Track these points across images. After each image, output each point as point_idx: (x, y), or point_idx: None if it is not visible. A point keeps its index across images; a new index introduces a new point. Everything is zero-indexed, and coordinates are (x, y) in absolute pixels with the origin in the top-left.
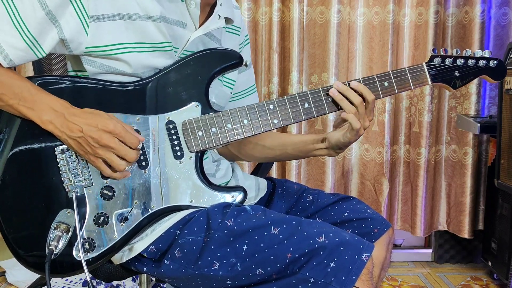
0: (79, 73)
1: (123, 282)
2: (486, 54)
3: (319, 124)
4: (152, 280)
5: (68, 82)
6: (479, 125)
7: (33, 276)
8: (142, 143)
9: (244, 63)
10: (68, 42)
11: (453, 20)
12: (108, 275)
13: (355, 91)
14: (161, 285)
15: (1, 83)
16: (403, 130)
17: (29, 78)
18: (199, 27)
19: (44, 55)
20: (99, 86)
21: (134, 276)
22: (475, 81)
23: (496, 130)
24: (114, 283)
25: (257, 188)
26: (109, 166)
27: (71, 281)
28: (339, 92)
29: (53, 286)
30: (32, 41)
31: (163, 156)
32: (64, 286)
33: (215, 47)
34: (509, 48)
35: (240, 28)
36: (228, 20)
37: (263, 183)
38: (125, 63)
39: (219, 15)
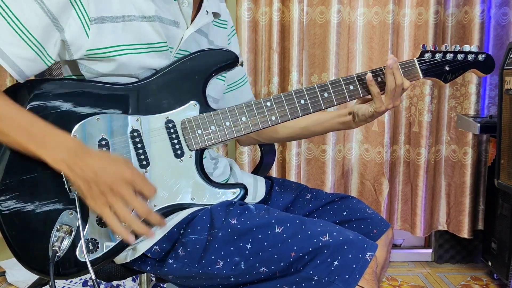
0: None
1: (123, 282)
2: (474, 49)
3: None
4: (152, 280)
5: (67, 85)
6: (479, 125)
7: (33, 276)
8: (143, 143)
9: (240, 63)
10: (69, 44)
11: (453, 20)
12: (108, 275)
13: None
14: (161, 285)
15: (10, 118)
16: (403, 130)
17: (29, 81)
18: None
19: (52, 61)
20: (99, 88)
21: (134, 276)
22: (475, 81)
23: (496, 130)
24: (114, 283)
25: (255, 187)
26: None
27: (71, 281)
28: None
29: None
30: (39, 48)
31: (163, 155)
32: (64, 286)
33: (212, 47)
34: (509, 48)
35: (226, 21)
36: (215, 15)
37: (261, 182)
38: (123, 65)
39: (206, 11)
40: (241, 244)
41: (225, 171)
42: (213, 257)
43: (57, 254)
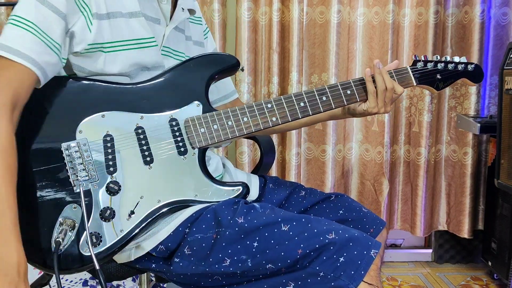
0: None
1: (123, 282)
2: (463, 60)
3: (319, 124)
4: (152, 280)
5: (72, 82)
6: (479, 125)
7: (33, 276)
8: (147, 139)
9: (240, 67)
10: (74, 36)
11: (453, 20)
12: (108, 275)
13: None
14: (161, 285)
15: None
16: (403, 130)
17: None
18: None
19: (65, 62)
20: (104, 86)
21: (134, 276)
22: None
23: (496, 130)
24: (114, 283)
25: (248, 184)
26: None
27: (71, 281)
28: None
29: (53, 286)
30: (60, 51)
31: (167, 152)
32: (64, 286)
33: (215, 52)
34: (509, 48)
35: (200, 17)
36: (191, 11)
37: (254, 179)
38: (115, 61)
39: (182, 8)
40: (248, 243)
41: (217, 167)
42: (220, 255)
43: (60, 247)
